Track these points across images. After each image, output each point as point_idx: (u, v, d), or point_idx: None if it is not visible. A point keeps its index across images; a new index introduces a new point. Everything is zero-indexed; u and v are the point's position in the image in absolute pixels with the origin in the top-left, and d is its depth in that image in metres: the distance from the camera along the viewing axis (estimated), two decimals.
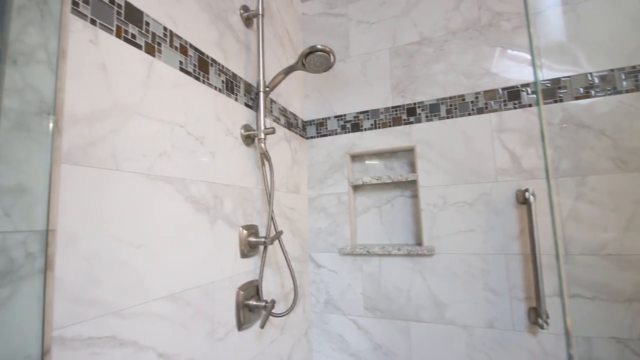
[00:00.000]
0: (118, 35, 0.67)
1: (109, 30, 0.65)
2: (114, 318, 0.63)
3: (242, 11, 1.12)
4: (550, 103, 1.18)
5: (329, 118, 1.55)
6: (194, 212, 0.85)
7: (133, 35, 0.71)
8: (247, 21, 1.15)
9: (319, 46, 1.04)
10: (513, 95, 1.24)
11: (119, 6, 0.68)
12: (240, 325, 1.00)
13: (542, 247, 1.13)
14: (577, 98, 1.16)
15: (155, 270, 0.72)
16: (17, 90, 0.53)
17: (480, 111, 1.28)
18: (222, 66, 1.00)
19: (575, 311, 1.11)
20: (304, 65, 1.09)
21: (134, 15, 0.71)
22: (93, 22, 0.62)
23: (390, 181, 1.39)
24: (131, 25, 0.70)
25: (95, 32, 0.63)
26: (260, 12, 1.13)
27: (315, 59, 1.07)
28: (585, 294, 1.10)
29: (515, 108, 1.23)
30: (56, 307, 0.54)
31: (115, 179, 0.65)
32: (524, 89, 1.23)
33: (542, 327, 1.08)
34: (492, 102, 1.27)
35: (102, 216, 0.62)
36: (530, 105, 1.22)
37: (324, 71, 1.13)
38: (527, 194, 1.12)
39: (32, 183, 0.53)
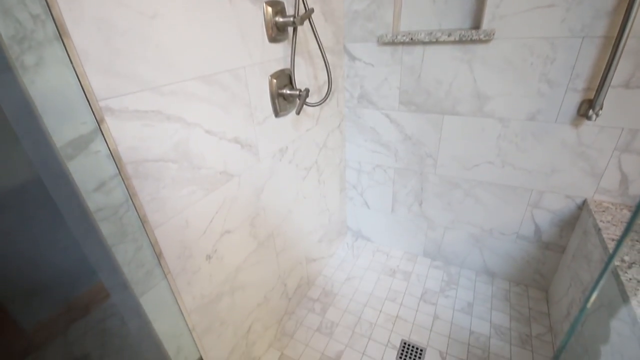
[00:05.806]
0: None
1: None
2: (153, 94, 0.64)
3: None
4: None
5: None
6: None
7: None
8: None
9: None
10: None
11: None
12: (277, 112, 1.03)
13: (635, 28, 0.91)
14: None
15: (181, 48, 0.67)
16: None
17: None
18: None
19: (632, 102, 1.01)
20: None
21: None
22: None
23: None
24: None
25: None
26: None
27: None
28: None
29: None
30: (92, 79, 0.53)
31: None
32: None
33: (589, 119, 1.02)
34: None
35: None
36: None
37: None
38: None
39: None
